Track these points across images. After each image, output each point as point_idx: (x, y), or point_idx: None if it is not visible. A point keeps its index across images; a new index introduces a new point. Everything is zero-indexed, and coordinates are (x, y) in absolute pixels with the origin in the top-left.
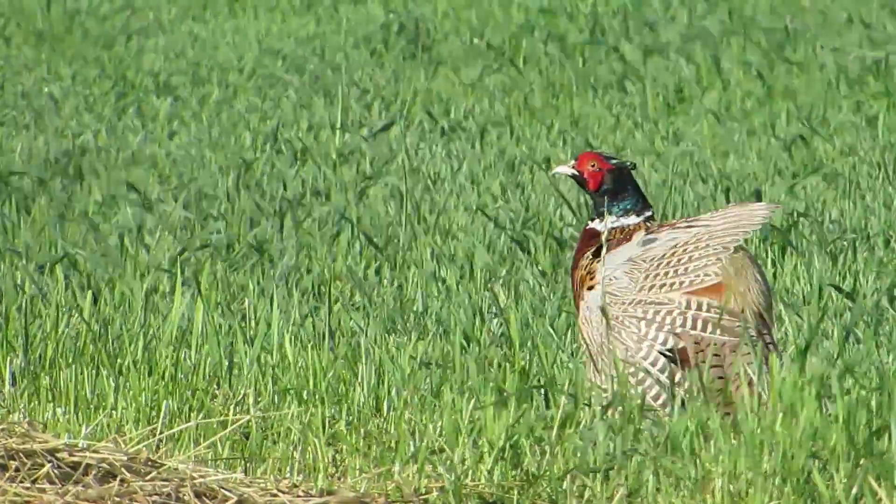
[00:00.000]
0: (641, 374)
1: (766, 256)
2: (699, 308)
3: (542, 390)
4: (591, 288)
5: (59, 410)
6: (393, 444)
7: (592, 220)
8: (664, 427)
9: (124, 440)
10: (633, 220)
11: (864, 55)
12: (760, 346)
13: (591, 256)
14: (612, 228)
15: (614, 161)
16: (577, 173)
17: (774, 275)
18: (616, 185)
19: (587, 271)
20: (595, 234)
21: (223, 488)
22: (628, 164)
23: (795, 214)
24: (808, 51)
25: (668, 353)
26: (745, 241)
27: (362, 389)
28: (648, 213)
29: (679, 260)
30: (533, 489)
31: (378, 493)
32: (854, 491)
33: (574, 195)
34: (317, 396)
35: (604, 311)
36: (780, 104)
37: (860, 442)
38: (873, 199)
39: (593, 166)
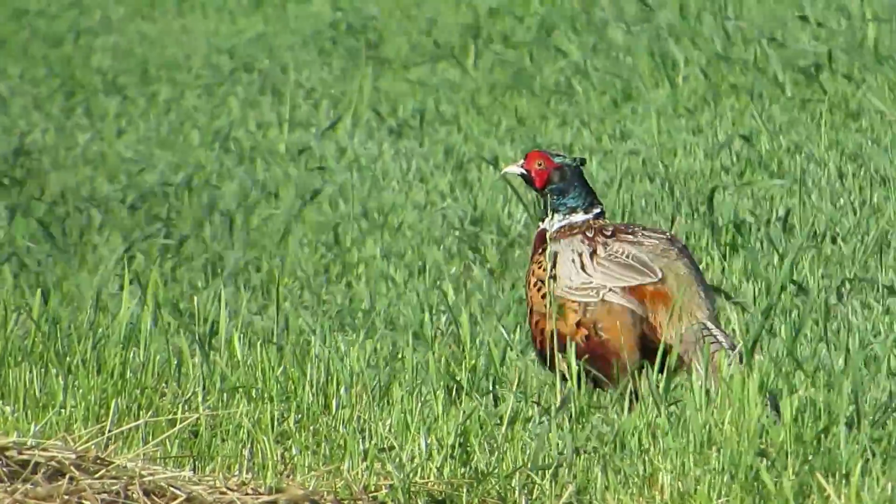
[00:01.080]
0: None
1: (714, 254)
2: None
3: (492, 388)
4: (543, 295)
5: (7, 409)
6: (342, 442)
7: (542, 220)
8: (613, 425)
9: (73, 439)
10: (580, 217)
11: (809, 51)
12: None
13: (538, 260)
14: (560, 227)
15: (559, 159)
16: (525, 172)
17: (723, 271)
18: (562, 183)
19: (536, 276)
20: (543, 236)
21: (172, 486)
22: (577, 160)
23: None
24: (754, 48)
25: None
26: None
27: (311, 387)
28: (597, 211)
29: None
30: (482, 487)
31: (327, 491)
32: (802, 488)
33: (525, 191)
34: (266, 394)
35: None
36: (727, 102)
37: (808, 439)
38: (820, 196)
39: (540, 165)
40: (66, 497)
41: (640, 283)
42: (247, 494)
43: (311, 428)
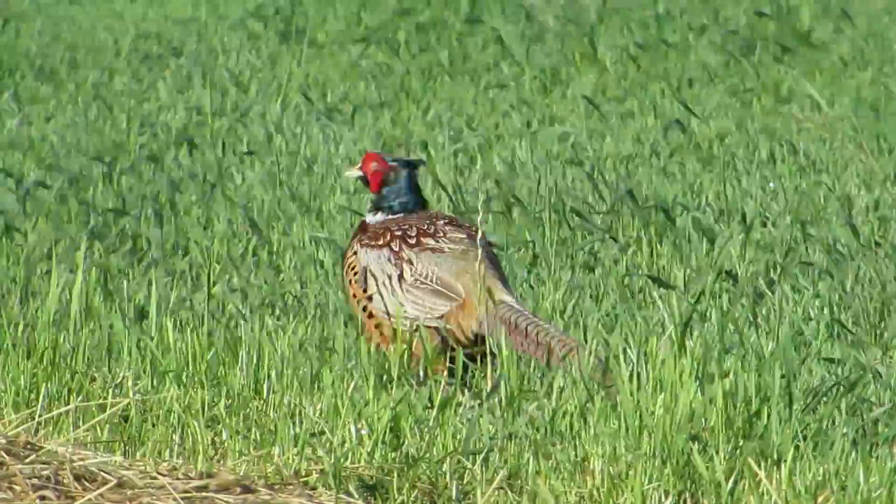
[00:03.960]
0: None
1: (643, 239)
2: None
3: (422, 373)
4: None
5: None
6: (273, 427)
7: (369, 212)
8: (544, 410)
9: (3, 423)
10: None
11: (740, 35)
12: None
13: (355, 249)
14: (376, 223)
15: (393, 161)
16: (362, 175)
17: (652, 255)
18: (395, 185)
19: (349, 265)
20: (366, 228)
21: (102, 471)
22: (413, 162)
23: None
24: (682, 32)
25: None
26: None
27: (242, 372)
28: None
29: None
30: (413, 471)
31: (258, 476)
32: (734, 472)
33: (452, 177)
34: (196, 379)
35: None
36: (656, 86)
37: (739, 423)
38: (749, 181)
39: (375, 166)
40: None
41: (448, 307)
42: (178, 479)
43: (242, 413)
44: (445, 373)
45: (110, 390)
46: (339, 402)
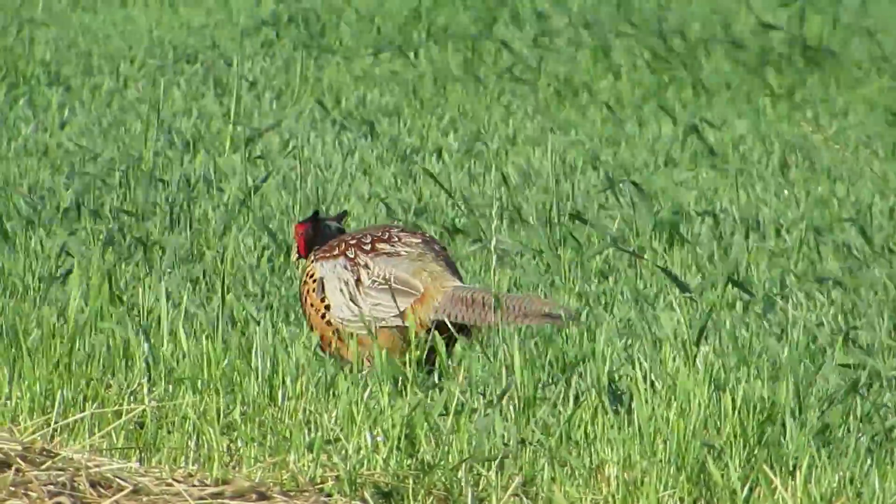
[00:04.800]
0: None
1: (657, 246)
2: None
3: (438, 379)
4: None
5: None
6: (288, 434)
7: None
8: (559, 416)
9: (19, 430)
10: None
11: (754, 43)
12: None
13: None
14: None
15: (304, 220)
16: (298, 255)
17: (665, 263)
18: (317, 238)
19: (308, 274)
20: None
21: (118, 478)
22: (321, 216)
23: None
24: (697, 41)
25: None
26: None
27: (256, 379)
28: None
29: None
30: (428, 478)
31: (273, 483)
32: (749, 479)
33: (466, 184)
34: (211, 386)
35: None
36: (670, 93)
37: (754, 431)
38: (764, 189)
39: (297, 235)
40: (13, 488)
41: (408, 304)
42: (193, 486)
43: (257, 420)
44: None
45: (126, 397)
46: (355, 408)
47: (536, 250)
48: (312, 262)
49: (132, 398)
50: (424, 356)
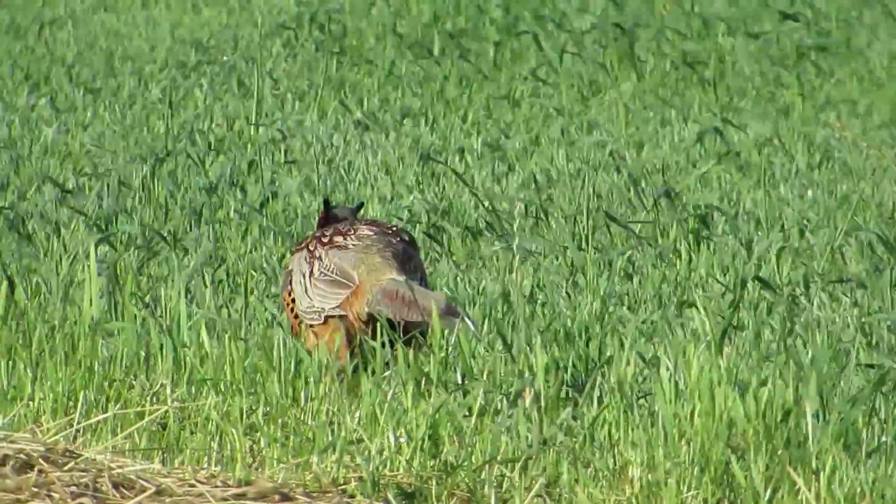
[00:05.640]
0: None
1: (680, 247)
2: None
3: (461, 380)
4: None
5: None
6: (310, 435)
7: None
8: (582, 418)
9: (42, 431)
10: None
11: (777, 43)
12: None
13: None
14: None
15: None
16: None
17: (690, 263)
18: (327, 226)
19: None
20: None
21: (141, 479)
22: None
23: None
24: (721, 40)
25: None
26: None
27: (279, 380)
28: None
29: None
30: (451, 479)
31: (296, 484)
32: (772, 480)
33: (489, 184)
34: (234, 387)
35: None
36: (694, 94)
37: (777, 431)
38: (787, 189)
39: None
40: (35, 489)
41: (345, 295)
42: (216, 487)
43: (280, 421)
44: (348, 360)
45: (148, 398)
46: (377, 409)
47: (560, 250)
48: (291, 254)
49: (155, 399)
50: (356, 349)
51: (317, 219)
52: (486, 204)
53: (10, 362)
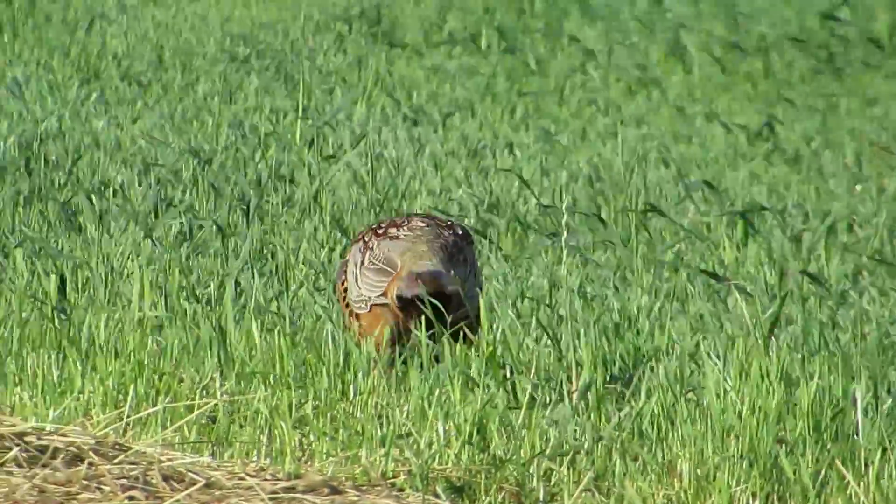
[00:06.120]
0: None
1: (730, 242)
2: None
3: (509, 373)
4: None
5: (25, 394)
6: (360, 429)
7: None
8: (630, 412)
9: (92, 424)
10: None
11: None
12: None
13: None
14: None
15: None
16: None
17: (737, 259)
18: None
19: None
20: None
21: (191, 472)
22: None
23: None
24: (767, 35)
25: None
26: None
27: (328, 373)
28: None
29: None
30: (500, 473)
31: (345, 477)
32: (821, 474)
33: (537, 179)
34: (283, 380)
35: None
36: (742, 88)
37: (826, 426)
38: (835, 183)
39: None
40: (86, 482)
41: (387, 281)
42: (265, 480)
43: (329, 414)
44: (392, 348)
45: (197, 391)
46: (426, 403)
47: (609, 244)
48: (349, 245)
49: (204, 392)
50: (402, 339)
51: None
52: (536, 199)
53: (61, 355)
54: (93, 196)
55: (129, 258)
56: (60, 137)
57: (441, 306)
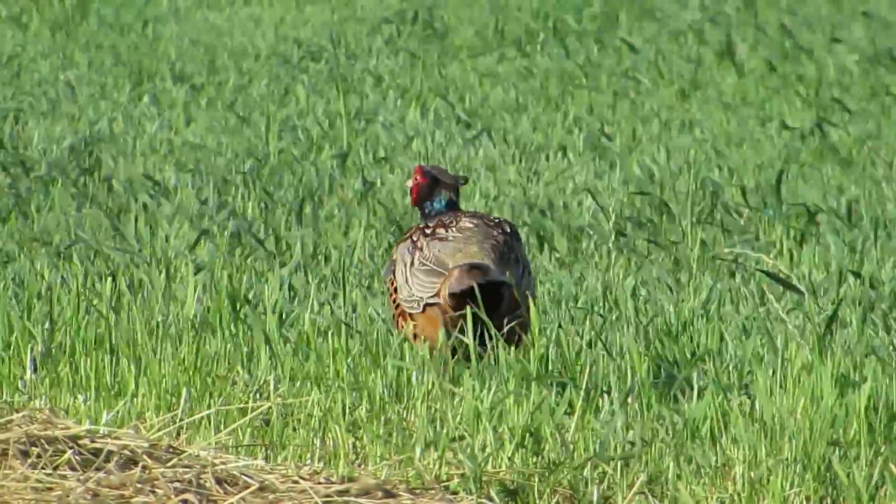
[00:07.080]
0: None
1: (784, 244)
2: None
3: (562, 378)
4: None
5: (80, 397)
6: (413, 432)
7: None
8: (683, 414)
9: (145, 427)
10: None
11: (872, 43)
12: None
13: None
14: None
15: (430, 174)
16: (409, 187)
17: (791, 259)
18: (430, 199)
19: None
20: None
21: (244, 475)
22: (458, 180)
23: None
24: (819, 39)
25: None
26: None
27: (382, 377)
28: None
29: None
30: (553, 476)
31: (399, 480)
32: (875, 478)
33: (589, 181)
34: (337, 384)
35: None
36: (794, 91)
37: (880, 429)
38: (889, 186)
39: (415, 180)
40: (139, 485)
41: (439, 282)
42: (319, 483)
43: (383, 418)
44: (446, 348)
45: (251, 394)
46: (479, 406)
47: (663, 247)
48: (396, 244)
49: (258, 396)
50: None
51: (419, 174)
52: (590, 201)
53: (114, 359)
54: (145, 198)
55: (181, 261)
56: (113, 140)
57: (493, 302)
